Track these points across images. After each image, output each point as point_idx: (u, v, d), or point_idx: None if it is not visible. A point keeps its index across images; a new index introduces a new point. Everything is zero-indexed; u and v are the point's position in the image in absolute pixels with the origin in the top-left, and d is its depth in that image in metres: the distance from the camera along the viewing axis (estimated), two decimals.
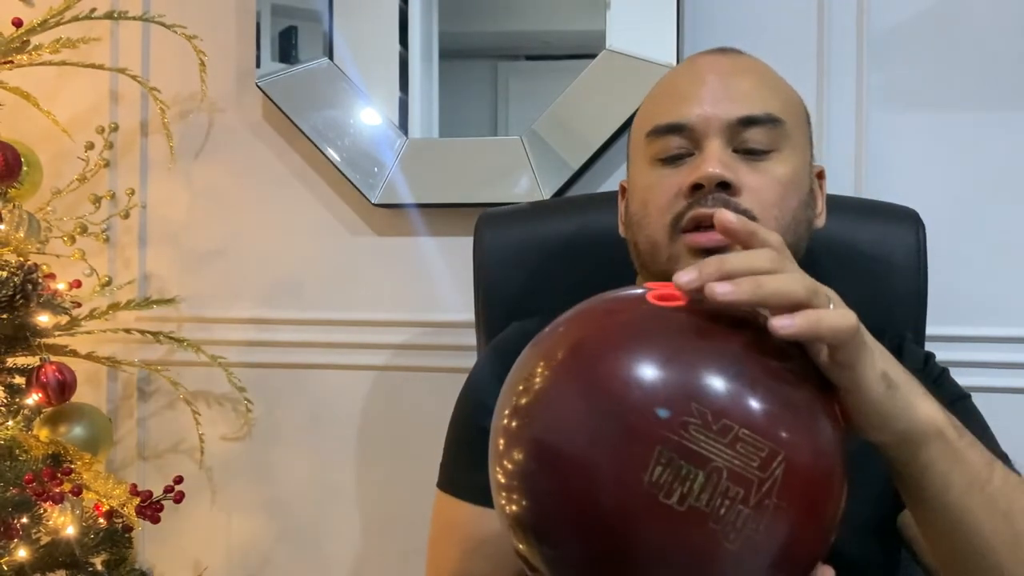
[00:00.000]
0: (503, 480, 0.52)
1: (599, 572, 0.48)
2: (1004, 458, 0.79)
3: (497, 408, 0.55)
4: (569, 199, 1.28)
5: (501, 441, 0.52)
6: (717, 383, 0.48)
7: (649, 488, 0.46)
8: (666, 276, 0.76)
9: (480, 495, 0.78)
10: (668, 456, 0.46)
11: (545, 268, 1.06)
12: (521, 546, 0.52)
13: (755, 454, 0.47)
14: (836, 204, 0.91)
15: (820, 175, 0.88)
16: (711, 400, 0.47)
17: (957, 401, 0.85)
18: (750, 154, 0.79)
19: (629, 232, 0.86)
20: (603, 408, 0.48)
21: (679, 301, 0.53)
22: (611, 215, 0.93)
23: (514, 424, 0.52)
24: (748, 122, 0.79)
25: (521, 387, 0.52)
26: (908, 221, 1.02)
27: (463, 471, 0.86)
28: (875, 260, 1.00)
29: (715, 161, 0.77)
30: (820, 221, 0.86)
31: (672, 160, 0.80)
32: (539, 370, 0.52)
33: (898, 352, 0.87)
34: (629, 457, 0.47)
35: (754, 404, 0.48)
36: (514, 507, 0.51)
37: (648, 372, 0.49)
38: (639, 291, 0.55)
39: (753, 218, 0.77)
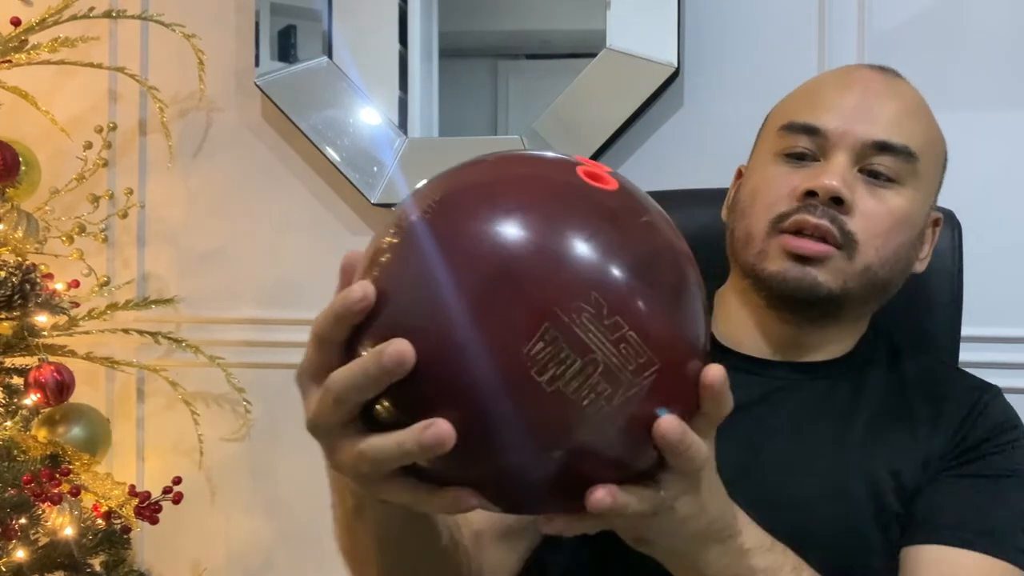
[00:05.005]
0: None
1: (461, 443, 0.46)
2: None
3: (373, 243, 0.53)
4: None
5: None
6: (626, 278, 0.47)
7: (524, 359, 0.45)
8: (753, 268, 0.79)
9: None
10: (553, 335, 0.45)
11: None
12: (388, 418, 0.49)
13: (634, 359, 0.46)
14: None
15: (936, 222, 0.87)
16: (613, 294, 0.46)
17: (1004, 477, 0.80)
18: (874, 177, 0.79)
19: (731, 217, 0.85)
20: (504, 268, 0.46)
21: (609, 185, 0.50)
22: None
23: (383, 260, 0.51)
24: (882, 147, 0.78)
25: (394, 230, 0.51)
26: (944, 221, 1.00)
27: None
28: None
29: (836, 175, 0.76)
30: (920, 266, 0.85)
31: (795, 158, 0.80)
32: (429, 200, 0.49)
33: (977, 406, 0.82)
34: (515, 325, 0.45)
35: (653, 311, 0.47)
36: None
37: (561, 246, 0.46)
38: (568, 161, 0.52)
39: (855, 241, 0.77)
